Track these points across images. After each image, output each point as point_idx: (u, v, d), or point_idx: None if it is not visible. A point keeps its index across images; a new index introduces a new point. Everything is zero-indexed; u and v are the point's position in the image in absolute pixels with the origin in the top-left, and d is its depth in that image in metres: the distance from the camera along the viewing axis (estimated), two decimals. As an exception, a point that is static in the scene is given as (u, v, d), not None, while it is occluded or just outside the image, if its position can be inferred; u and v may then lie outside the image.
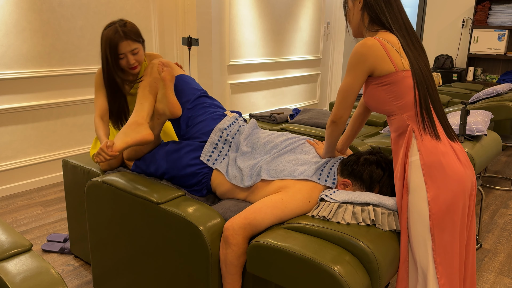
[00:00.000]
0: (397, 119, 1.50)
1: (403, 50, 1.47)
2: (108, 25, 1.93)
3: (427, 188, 1.41)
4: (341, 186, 1.64)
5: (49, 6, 3.39)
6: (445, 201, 1.41)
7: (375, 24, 1.53)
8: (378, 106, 1.53)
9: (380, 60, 1.44)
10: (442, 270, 1.42)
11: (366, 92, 1.54)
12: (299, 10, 5.77)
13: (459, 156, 1.47)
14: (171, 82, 1.83)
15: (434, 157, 1.42)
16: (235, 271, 1.51)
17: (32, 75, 3.37)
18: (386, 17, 1.50)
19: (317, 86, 6.51)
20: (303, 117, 3.20)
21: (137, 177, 1.88)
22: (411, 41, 1.51)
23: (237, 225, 1.49)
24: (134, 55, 1.95)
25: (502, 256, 2.60)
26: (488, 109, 3.25)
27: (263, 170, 1.67)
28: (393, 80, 1.45)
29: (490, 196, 3.53)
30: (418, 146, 1.44)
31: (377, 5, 1.50)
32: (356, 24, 1.58)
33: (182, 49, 4.56)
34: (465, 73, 5.69)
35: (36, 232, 2.79)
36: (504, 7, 5.29)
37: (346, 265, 1.31)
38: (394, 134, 1.54)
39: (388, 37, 1.48)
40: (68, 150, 3.75)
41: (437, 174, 1.41)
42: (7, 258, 1.11)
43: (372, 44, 1.44)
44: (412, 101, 1.45)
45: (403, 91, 1.45)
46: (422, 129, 1.45)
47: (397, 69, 1.45)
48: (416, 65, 1.47)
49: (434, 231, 1.41)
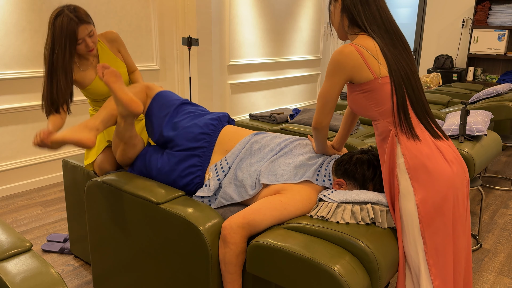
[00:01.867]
0: (380, 124, 1.51)
1: (381, 53, 1.45)
2: (57, 14, 1.87)
3: (415, 191, 1.42)
4: (336, 186, 1.64)
5: (49, 6, 3.39)
6: (433, 203, 1.40)
7: (354, 26, 1.52)
8: (361, 112, 1.55)
9: (357, 68, 1.44)
10: (436, 272, 1.41)
11: (349, 98, 1.55)
12: (299, 10, 5.77)
13: (445, 155, 1.45)
14: (116, 84, 1.72)
15: (418, 160, 1.42)
16: (234, 270, 1.51)
17: (32, 75, 3.37)
18: (362, 19, 1.49)
19: (317, 86, 6.51)
20: (303, 117, 3.20)
21: (137, 177, 1.88)
22: (391, 40, 1.48)
23: (235, 224, 1.49)
24: (90, 37, 1.94)
25: (502, 256, 2.60)
26: (488, 109, 3.25)
27: (262, 175, 1.67)
28: (371, 87, 1.46)
29: (490, 196, 3.53)
30: (402, 150, 1.44)
31: (353, 6, 1.49)
32: (337, 27, 1.58)
33: (182, 49, 4.56)
34: (465, 73, 5.70)
35: (36, 232, 2.79)
36: (504, 7, 5.29)
37: (346, 265, 1.31)
38: (378, 138, 1.55)
39: (366, 42, 1.46)
40: (68, 150, 3.75)
41: (423, 177, 1.41)
42: (7, 258, 1.11)
43: (349, 52, 1.44)
44: (391, 107, 1.46)
45: (383, 98, 1.46)
46: (401, 133, 1.45)
47: (375, 77, 1.44)
48: (394, 66, 1.45)
49: (424, 233, 1.41)
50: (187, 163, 1.78)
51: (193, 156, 1.79)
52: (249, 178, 1.69)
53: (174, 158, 1.80)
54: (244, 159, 1.76)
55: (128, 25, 3.98)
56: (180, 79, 4.61)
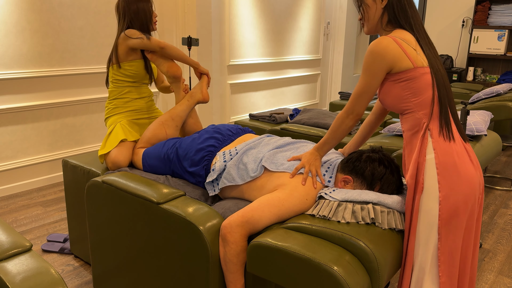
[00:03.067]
0: (412, 116, 1.49)
1: (420, 48, 1.47)
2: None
3: (440, 187, 1.41)
4: (342, 183, 1.64)
5: (49, 6, 3.39)
6: (455, 202, 1.40)
7: (392, 23, 1.53)
8: (394, 103, 1.51)
9: (397, 58, 1.44)
10: (445, 269, 1.42)
11: (382, 90, 1.53)
12: (299, 10, 5.77)
13: (471, 157, 1.47)
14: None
15: (449, 157, 1.42)
16: (236, 269, 1.52)
17: (32, 75, 3.37)
18: (409, 18, 1.50)
19: (317, 86, 6.51)
20: (303, 117, 3.20)
21: (137, 177, 1.88)
22: (428, 41, 1.51)
23: (234, 222, 1.49)
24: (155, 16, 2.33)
25: (502, 256, 2.60)
26: (488, 109, 3.25)
27: (264, 159, 1.72)
28: (411, 76, 1.44)
29: (490, 196, 3.54)
30: (434, 145, 1.43)
31: (401, 6, 1.50)
32: (375, 22, 1.55)
33: (182, 49, 4.56)
34: (465, 73, 5.70)
35: (36, 232, 2.79)
36: (504, 7, 5.29)
37: (346, 265, 1.31)
38: (408, 133, 1.52)
39: (404, 35, 1.48)
40: (68, 150, 3.75)
41: (450, 174, 1.41)
42: (7, 258, 1.11)
43: (388, 43, 1.44)
44: (429, 98, 1.45)
45: (422, 88, 1.45)
46: (439, 128, 1.44)
47: (415, 66, 1.44)
48: (434, 63, 1.46)
49: (442, 230, 1.41)
50: (206, 142, 1.94)
51: (212, 138, 1.96)
52: (253, 163, 1.74)
53: (196, 138, 2.01)
54: (252, 148, 1.84)
55: (128, 25, 3.98)
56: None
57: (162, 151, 2.03)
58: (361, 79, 1.51)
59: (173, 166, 1.98)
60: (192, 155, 1.91)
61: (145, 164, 2.08)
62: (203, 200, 1.84)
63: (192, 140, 1.98)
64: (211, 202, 1.86)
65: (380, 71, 1.46)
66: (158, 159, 2.03)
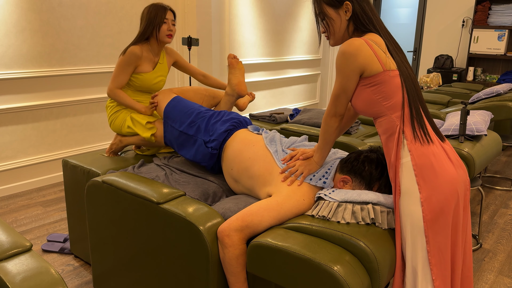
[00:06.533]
0: (385, 120, 1.48)
1: (387, 49, 1.48)
2: (150, 5, 2.35)
3: (420, 189, 1.40)
4: (341, 183, 1.64)
5: (49, 6, 3.39)
6: (438, 202, 1.40)
7: (358, 31, 1.54)
8: (366, 108, 1.51)
9: (369, 60, 1.43)
10: (437, 271, 1.41)
11: (354, 94, 1.53)
12: (299, 10, 5.77)
13: (450, 156, 1.46)
14: (234, 69, 2.35)
15: (425, 158, 1.41)
16: (237, 272, 1.52)
17: (32, 75, 3.37)
18: (374, 24, 1.51)
19: (317, 86, 6.52)
20: (303, 117, 3.20)
21: (137, 177, 1.88)
22: (395, 45, 1.51)
23: (233, 226, 1.50)
24: (172, 25, 2.37)
25: (502, 256, 2.60)
26: (488, 109, 3.25)
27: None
28: (381, 80, 1.44)
29: (490, 196, 3.54)
30: (409, 147, 1.43)
31: (365, 13, 1.51)
32: (341, 34, 1.56)
33: (182, 49, 4.56)
34: (465, 73, 5.70)
35: (36, 232, 2.79)
36: (504, 7, 5.29)
37: (346, 265, 1.31)
38: (383, 137, 1.52)
39: (374, 38, 1.48)
40: (68, 150, 3.75)
41: (429, 175, 1.40)
42: (7, 258, 1.11)
43: (360, 44, 1.43)
44: (400, 101, 1.45)
45: (392, 91, 1.45)
46: (412, 130, 1.44)
47: (384, 69, 1.44)
48: (403, 66, 1.46)
49: (428, 232, 1.40)
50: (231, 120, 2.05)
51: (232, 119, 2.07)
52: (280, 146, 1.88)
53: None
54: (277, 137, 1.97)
55: (128, 25, 3.98)
56: (180, 79, 4.62)
57: (195, 106, 2.15)
58: (336, 81, 1.51)
59: (199, 119, 2.07)
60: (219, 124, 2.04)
61: (170, 104, 2.18)
62: (203, 200, 1.84)
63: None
64: (211, 202, 1.87)
65: (353, 72, 1.46)
66: (187, 107, 2.15)
